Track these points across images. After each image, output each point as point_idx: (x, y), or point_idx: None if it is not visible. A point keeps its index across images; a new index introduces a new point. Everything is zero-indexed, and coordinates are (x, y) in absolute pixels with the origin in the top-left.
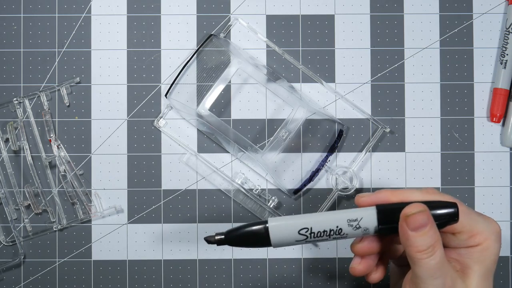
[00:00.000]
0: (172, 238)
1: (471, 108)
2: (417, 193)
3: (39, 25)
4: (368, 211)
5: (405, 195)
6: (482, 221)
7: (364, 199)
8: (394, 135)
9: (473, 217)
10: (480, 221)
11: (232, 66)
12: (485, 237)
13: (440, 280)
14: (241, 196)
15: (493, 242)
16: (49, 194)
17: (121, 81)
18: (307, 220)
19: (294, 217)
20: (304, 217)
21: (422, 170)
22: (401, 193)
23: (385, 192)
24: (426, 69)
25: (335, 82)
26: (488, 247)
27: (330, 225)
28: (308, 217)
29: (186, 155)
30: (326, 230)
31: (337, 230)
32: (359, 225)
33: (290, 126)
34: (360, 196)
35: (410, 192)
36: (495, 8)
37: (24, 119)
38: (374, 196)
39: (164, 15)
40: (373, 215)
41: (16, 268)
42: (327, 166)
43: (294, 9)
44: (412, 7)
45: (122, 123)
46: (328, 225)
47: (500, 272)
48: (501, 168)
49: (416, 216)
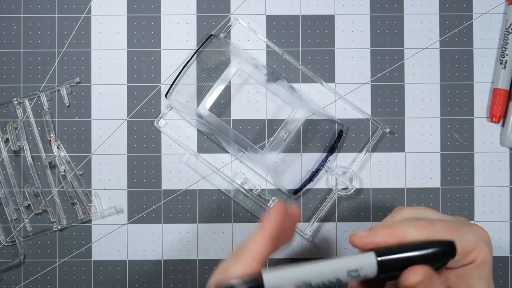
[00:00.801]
0: (172, 238)
1: (471, 108)
2: (412, 230)
3: (39, 25)
4: (367, 259)
5: (402, 235)
6: (472, 234)
7: (360, 241)
8: (394, 135)
9: (463, 235)
10: (469, 236)
11: (232, 66)
12: (478, 251)
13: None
14: (241, 196)
15: (487, 254)
16: (49, 194)
17: (121, 81)
18: (305, 272)
19: (290, 268)
20: (301, 269)
21: (422, 170)
22: (397, 233)
23: (381, 232)
24: (426, 69)
25: (335, 82)
26: (483, 260)
27: (329, 277)
28: (305, 268)
29: (186, 155)
30: (325, 283)
31: (336, 281)
32: (359, 275)
33: (290, 126)
34: (355, 237)
35: (406, 230)
36: (495, 8)
37: (24, 119)
38: (370, 237)
39: (164, 15)
40: (374, 264)
41: (16, 268)
42: (327, 166)
43: (294, 9)
44: (412, 7)
45: (122, 123)
46: (327, 277)
47: (500, 272)
48: (501, 168)
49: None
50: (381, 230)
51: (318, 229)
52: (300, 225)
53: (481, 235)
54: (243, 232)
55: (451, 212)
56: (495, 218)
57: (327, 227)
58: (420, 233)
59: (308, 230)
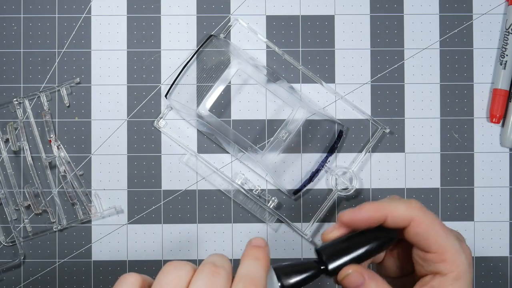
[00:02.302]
0: (172, 239)
1: (470, 109)
2: (402, 207)
3: (39, 25)
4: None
5: (389, 210)
6: (458, 245)
7: (346, 217)
8: (394, 135)
9: (450, 237)
10: (456, 244)
11: (232, 67)
12: (457, 264)
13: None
14: (241, 197)
15: (466, 271)
16: (49, 194)
17: (121, 81)
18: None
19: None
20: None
21: (422, 170)
22: (385, 208)
23: (368, 207)
24: (426, 69)
25: (335, 83)
26: (460, 276)
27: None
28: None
29: (186, 155)
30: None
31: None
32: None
33: (290, 126)
34: (342, 214)
35: (395, 205)
36: (495, 8)
37: (24, 119)
38: (356, 213)
39: (164, 16)
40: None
41: (16, 268)
42: (327, 166)
43: (294, 9)
44: (412, 7)
45: (122, 124)
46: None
47: (500, 272)
48: (501, 168)
49: (350, 278)
50: (368, 205)
51: (318, 229)
52: (300, 225)
53: (466, 253)
54: (243, 232)
55: (451, 213)
56: (495, 218)
57: (327, 227)
58: (407, 211)
59: (308, 230)
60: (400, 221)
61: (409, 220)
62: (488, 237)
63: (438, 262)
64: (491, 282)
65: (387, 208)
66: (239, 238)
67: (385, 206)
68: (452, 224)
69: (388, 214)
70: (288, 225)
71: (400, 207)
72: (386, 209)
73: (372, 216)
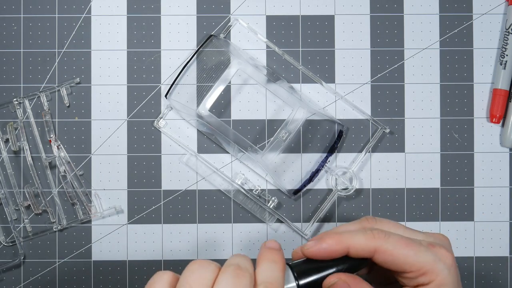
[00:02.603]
0: (172, 238)
1: (470, 109)
2: (361, 239)
3: (39, 25)
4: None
5: (349, 242)
6: (431, 255)
7: (309, 252)
8: (394, 135)
9: (419, 253)
10: (427, 256)
11: (232, 67)
12: (436, 273)
13: None
14: (241, 197)
15: (447, 277)
16: (49, 194)
17: (121, 81)
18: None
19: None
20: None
21: (422, 170)
22: (344, 241)
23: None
24: (426, 69)
25: (335, 83)
26: (442, 281)
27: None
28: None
29: (186, 155)
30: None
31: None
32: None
33: (290, 126)
34: (304, 248)
35: (355, 238)
36: (495, 8)
37: (24, 119)
38: (318, 246)
39: (164, 16)
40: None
41: (16, 268)
42: (327, 166)
43: (294, 9)
44: (412, 7)
45: (122, 124)
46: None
47: (500, 272)
48: (501, 168)
49: (336, 287)
50: (329, 238)
51: (318, 229)
52: (300, 225)
53: (443, 258)
54: (243, 232)
55: (451, 213)
56: (495, 218)
57: (327, 227)
58: (368, 243)
59: (308, 230)
60: (362, 252)
61: (372, 251)
62: (488, 237)
63: (417, 277)
64: (491, 282)
65: (348, 241)
66: (239, 238)
67: (346, 238)
68: (452, 224)
69: (350, 246)
70: (288, 225)
71: (360, 239)
72: (347, 242)
73: (333, 249)
